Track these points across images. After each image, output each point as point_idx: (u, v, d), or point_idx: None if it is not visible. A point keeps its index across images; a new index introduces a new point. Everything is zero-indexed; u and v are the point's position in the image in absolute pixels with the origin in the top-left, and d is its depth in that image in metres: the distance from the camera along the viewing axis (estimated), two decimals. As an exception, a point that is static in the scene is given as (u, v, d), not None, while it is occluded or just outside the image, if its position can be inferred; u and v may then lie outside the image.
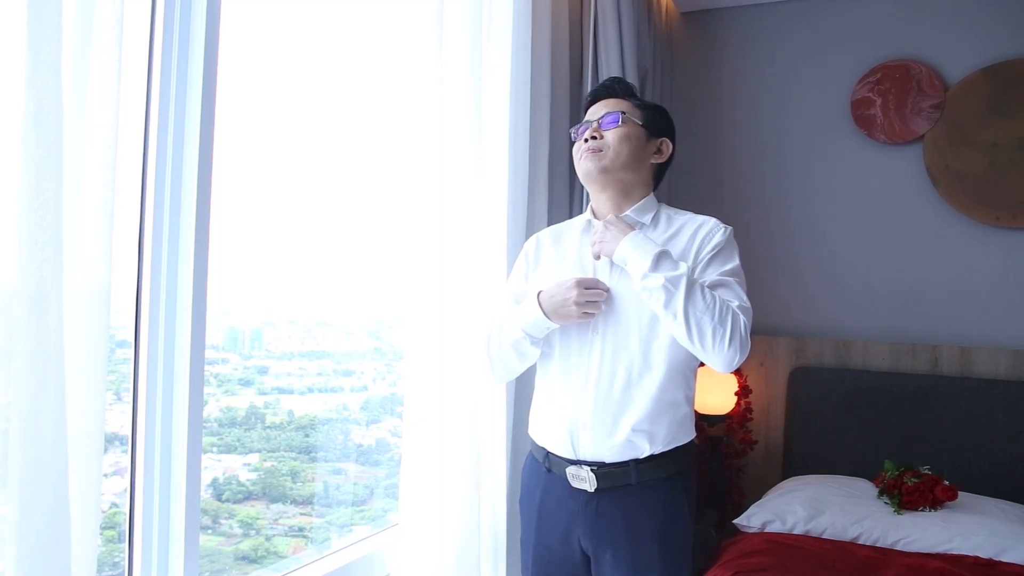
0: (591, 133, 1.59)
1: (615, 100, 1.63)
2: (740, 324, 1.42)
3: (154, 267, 1.32)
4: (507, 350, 1.62)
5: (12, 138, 0.92)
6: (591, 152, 1.58)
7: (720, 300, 1.43)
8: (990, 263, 2.74)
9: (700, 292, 1.42)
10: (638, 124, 1.59)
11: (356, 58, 2.04)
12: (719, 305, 1.41)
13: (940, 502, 2.28)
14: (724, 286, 1.50)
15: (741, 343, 1.41)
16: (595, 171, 1.58)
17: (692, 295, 1.40)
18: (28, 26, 0.91)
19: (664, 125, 1.65)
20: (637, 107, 1.62)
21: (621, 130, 1.57)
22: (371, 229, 2.12)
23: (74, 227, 1.00)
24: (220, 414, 1.75)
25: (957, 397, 2.65)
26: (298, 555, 1.84)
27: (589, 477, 1.53)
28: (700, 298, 1.41)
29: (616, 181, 1.59)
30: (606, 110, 1.61)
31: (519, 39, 2.04)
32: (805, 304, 3.00)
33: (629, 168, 1.58)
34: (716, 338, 1.40)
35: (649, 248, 1.46)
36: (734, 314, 1.42)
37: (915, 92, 2.82)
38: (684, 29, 3.26)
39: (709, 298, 1.42)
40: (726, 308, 1.42)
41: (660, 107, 1.67)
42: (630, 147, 1.57)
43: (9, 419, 0.91)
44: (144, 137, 1.31)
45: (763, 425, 2.96)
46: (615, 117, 1.58)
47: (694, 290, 1.41)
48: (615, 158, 1.57)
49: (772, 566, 1.96)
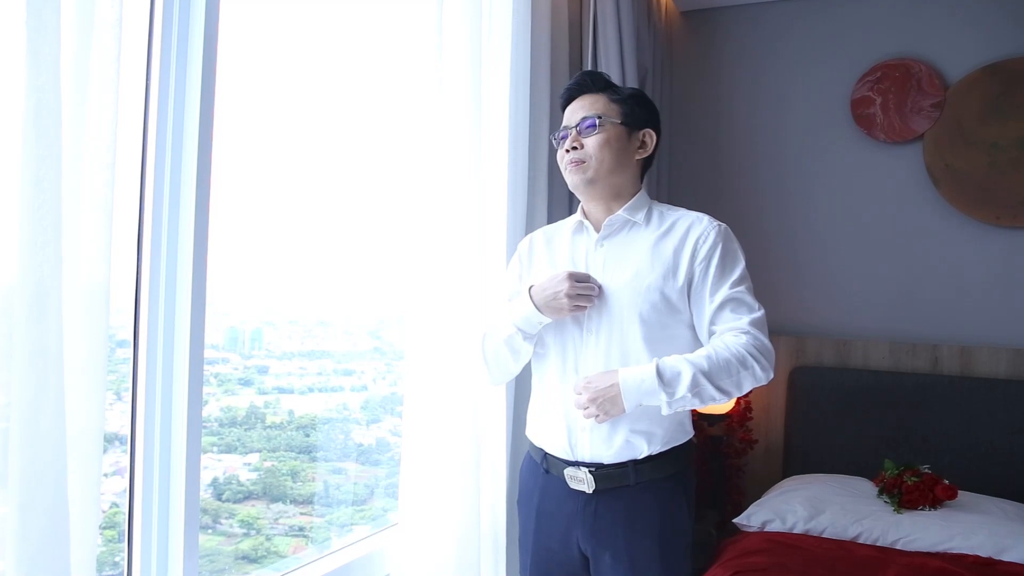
0: (571, 143, 1.56)
1: (591, 97, 1.59)
2: (758, 359, 1.44)
3: (154, 267, 1.32)
4: (501, 347, 1.61)
5: (12, 138, 0.92)
6: (574, 165, 1.56)
7: (729, 355, 1.43)
8: (990, 263, 2.74)
9: (715, 366, 1.42)
10: (617, 123, 1.56)
11: (356, 58, 2.04)
12: (733, 362, 1.42)
13: (940, 501, 2.28)
14: (735, 301, 1.49)
15: (764, 370, 1.44)
16: (581, 184, 1.57)
17: (712, 377, 1.42)
18: (27, 25, 0.91)
19: (644, 115, 1.60)
20: (614, 102, 1.58)
21: (600, 136, 1.54)
22: (371, 229, 2.12)
23: (74, 227, 1.00)
24: (220, 414, 1.75)
25: (957, 397, 2.65)
26: (298, 555, 1.84)
27: (587, 478, 1.53)
28: (719, 371, 1.42)
29: (604, 188, 1.58)
30: (583, 113, 1.57)
31: (519, 39, 2.04)
32: (805, 304, 2.99)
33: (615, 172, 1.56)
34: (748, 384, 1.45)
35: (647, 379, 1.42)
36: (745, 358, 1.43)
37: (915, 91, 2.82)
38: (684, 29, 3.26)
39: (723, 362, 1.42)
40: (739, 358, 1.43)
41: (637, 94, 1.62)
42: (612, 152, 1.55)
43: (9, 419, 0.91)
44: (143, 137, 1.31)
45: (763, 425, 2.96)
46: (592, 122, 1.55)
47: (711, 371, 1.42)
48: (599, 167, 1.55)
49: (772, 565, 1.96)
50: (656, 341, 1.51)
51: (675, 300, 1.52)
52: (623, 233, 1.60)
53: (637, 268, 1.53)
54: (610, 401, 1.44)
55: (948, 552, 2.04)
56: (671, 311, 1.52)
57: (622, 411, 1.44)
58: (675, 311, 1.52)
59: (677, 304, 1.52)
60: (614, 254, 1.58)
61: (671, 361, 1.44)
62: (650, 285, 1.51)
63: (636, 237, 1.58)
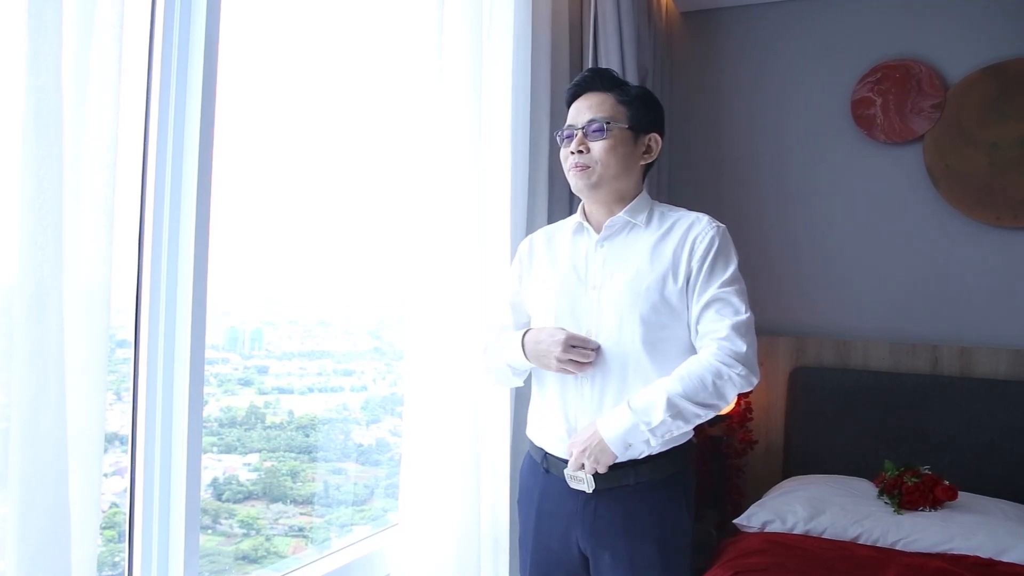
0: (577, 146, 1.55)
1: (598, 97, 1.57)
2: (733, 366, 1.43)
3: (154, 267, 1.32)
4: (500, 367, 1.66)
5: (12, 138, 0.92)
6: (579, 170, 1.55)
7: (702, 369, 1.43)
8: (990, 263, 2.74)
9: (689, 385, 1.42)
10: (624, 128, 1.55)
11: (356, 59, 2.04)
12: (707, 376, 1.42)
13: (940, 502, 2.28)
14: (720, 301, 1.48)
15: (742, 376, 1.43)
16: (585, 189, 1.57)
17: (690, 395, 1.42)
18: (28, 26, 0.91)
19: (650, 118, 1.59)
20: (622, 103, 1.56)
21: (607, 141, 1.53)
22: (371, 228, 2.12)
23: (74, 227, 1.00)
24: (220, 414, 1.75)
25: (957, 397, 2.65)
26: (298, 555, 1.84)
27: (587, 479, 1.52)
28: (694, 388, 1.42)
29: (608, 192, 1.57)
30: (590, 115, 1.55)
31: (519, 39, 2.04)
32: (805, 304, 2.99)
33: (619, 178, 1.56)
34: (731, 393, 1.45)
35: (623, 416, 1.44)
36: (719, 369, 1.43)
37: (915, 92, 2.82)
38: (684, 29, 3.26)
39: (696, 379, 1.42)
40: (712, 371, 1.42)
41: (645, 94, 1.60)
42: (617, 158, 1.54)
43: (9, 419, 0.91)
44: (144, 137, 1.31)
45: (763, 425, 2.96)
46: (600, 127, 1.53)
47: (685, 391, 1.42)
48: (604, 172, 1.54)
49: (772, 566, 1.96)
50: (656, 342, 1.50)
51: (674, 301, 1.51)
52: (623, 234, 1.59)
53: (637, 269, 1.53)
54: (599, 450, 1.46)
55: (948, 553, 2.04)
56: (670, 312, 1.51)
57: (613, 457, 1.46)
58: (674, 312, 1.52)
59: (676, 305, 1.52)
60: (614, 255, 1.58)
61: (643, 392, 1.46)
62: (650, 286, 1.51)
63: (636, 238, 1.58)
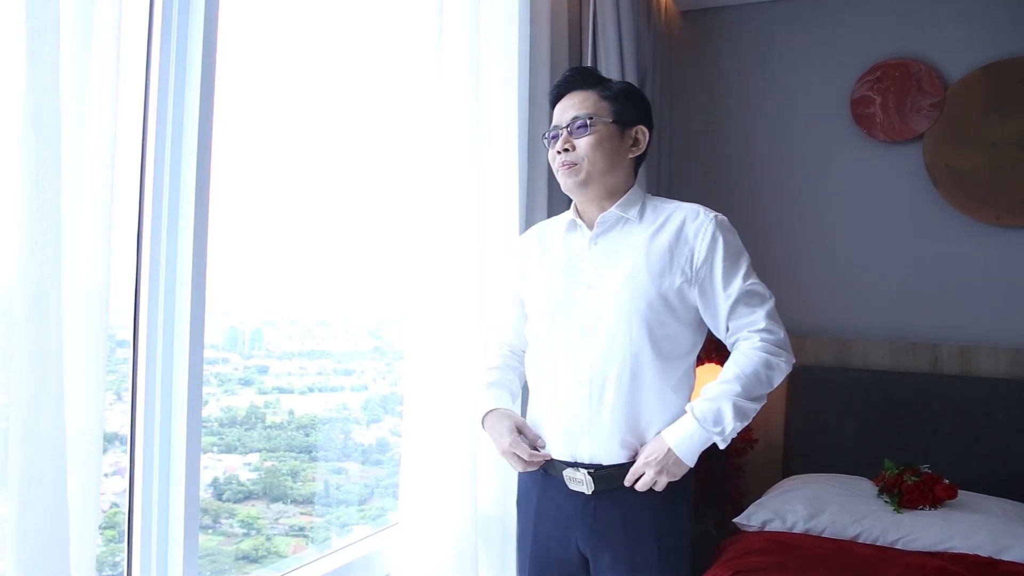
0: (563, 145, 1.54)
1: (580, 95, 1.57)
2: (778, 354, 1.51)
3: (153, 267, 1.32)
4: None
5: (12, 138, 0.92)
6: (566, 168, 1.54)
7: (753, 366, 1.48)
8: (990, 262, 2.74)
9: (747, 383, 1.48)
10: (608, 122, 1.54)
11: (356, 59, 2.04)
12: (760, 370, 1.48)
13: (940, 501, 2.27)
14: (748, 294, 1.51)
15: (787, 361, 1.52)
16: (574, 187, 1.56)
17: (749, 393, 1.48)
18: (27, 25, 0.91)
19: (635, 111, 1.58)
20: (604, 99, 1.56)
21: (592, 137, 1.53)
22: (371, 228, 2.12)
23: (74, 227, 1.00)
24: (220, 414, 1.75)
25: (957, 396, 2.65)
26: (298, 555, 1.84)
27: (586, 480, 1.52)
28: (752, 385, 1.48)
29: (598, 188, 1.56)
30: (573, 112, 1.55)
31: (519, 39, 2.03)
32: (804, 303, 2.99)
33: (608, 173, 1.55)
34: (779, 380, 1.52)
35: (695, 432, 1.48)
36: (768, 360, 1.49)
37: (915, 91, 2.82)
38: (684, 28, 3.25)
39: (752, 376, 1.48)
40: (763, 363, 1.49)
41: (628, 88, 1.60)
42: (604, 153, 1.53)
43: (9, 419, 0.91)
44: (143, 136, 1.31)
45: (763, 424, 2.96)
46: (583, 123, 1.53)
47: (745, 391, 1.47)
48: (591, 169, 1.53)
49: (772, 565, 1.95)
50: (656, 340, 1.50)
51: (672, 298, 1.51)
52: (616, 230, 1.58)
53: (633, 266, 1.52)
54: (675, 464, 1.49)
55: (948, 552, 2.04)
56: (668, 309, 1.51)
57: (688, 468, 1.51)
58: (672, 309, 1.51)
59: (674, 302, 1.51)
60: (608, 252, 1.57)
61: (706, 404, 1.48)
62: (647, 283, 1.50)
63: (630, 234, 1.56)
